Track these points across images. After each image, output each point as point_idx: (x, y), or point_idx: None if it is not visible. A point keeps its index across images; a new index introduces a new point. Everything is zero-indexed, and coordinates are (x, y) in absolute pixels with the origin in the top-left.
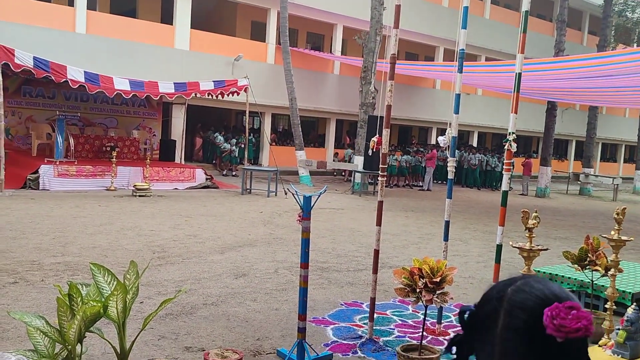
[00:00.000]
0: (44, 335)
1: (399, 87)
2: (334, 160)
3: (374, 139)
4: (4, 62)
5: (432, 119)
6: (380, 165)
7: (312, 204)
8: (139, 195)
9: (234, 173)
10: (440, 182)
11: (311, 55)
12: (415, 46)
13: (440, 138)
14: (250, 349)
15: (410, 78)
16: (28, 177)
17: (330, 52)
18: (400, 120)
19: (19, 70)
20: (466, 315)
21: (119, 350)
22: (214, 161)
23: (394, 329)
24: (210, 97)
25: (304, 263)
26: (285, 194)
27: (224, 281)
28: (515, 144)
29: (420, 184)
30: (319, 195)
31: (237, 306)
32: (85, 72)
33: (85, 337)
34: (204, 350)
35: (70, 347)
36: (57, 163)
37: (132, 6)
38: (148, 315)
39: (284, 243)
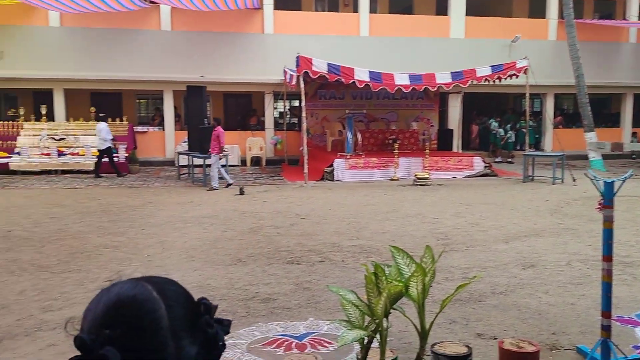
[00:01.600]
0: (355, 308)
1: None
2: (632, 142)
3: None
4: (304, 70)
5: None
6: None
7: (615, 191)
8: (420, 185)
9: (509, 160)
10: None
11: (600, 25)
12: None
13: None
14: (546, 343)
15: None
16: (325, 170)
17: (624, 18)
18: None
19: (316, 77)
20: None
21: (419, 329)
22: (492, 149)
23: None
24: (487, 82)
25: (607, 256)
26: (574, 180)
27: (511, 271)
28: None
29: None
30: (624, 181)
31: (527, 297)
32: (369, 71)
33: (390, 313)
34: (496, 338)
35: (378, 320)
36: (348, 157)
37: (409, 3)
38: (445, 298)
39: (576, 234)
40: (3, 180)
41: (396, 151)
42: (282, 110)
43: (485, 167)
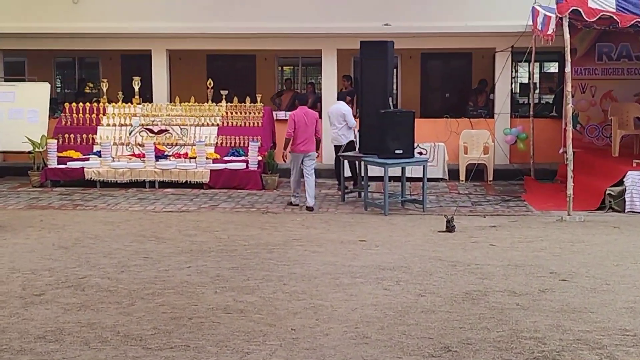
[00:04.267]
0: None
1: None
2: None
3: None
4: (572, 8)
5: None
6: None
7: None
8: None
9: None
10: None
11: None
12: None
13: None
14: None
15: None
16: (607, 191)
17: None
18: None
19: (594, 19)
20: None
21: None
22: None
23: None
24: None
25: None
26: None
27: None
28: None
29: None
30: None
31: None
32: None
33: None
34: None
35: None
36: None
37: None
38: None
39: None
40: (75, 194)
41: None
42: (525, 81)
43: None
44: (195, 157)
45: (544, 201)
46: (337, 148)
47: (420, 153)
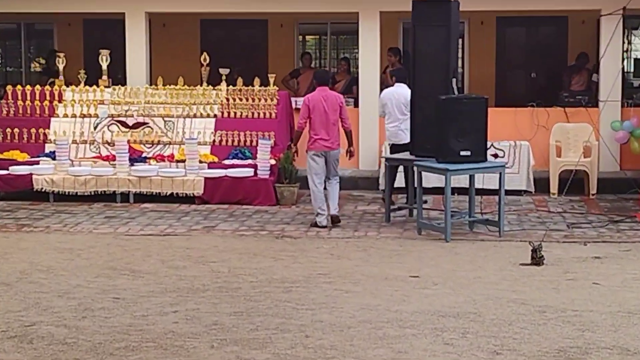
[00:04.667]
0: None
1: None
2: None
3: None
4: None
5: None
6: None
7: None
8: None
9: None
10: None
11: None
12: None
13: None
14: None
15: None
16: None
17: None
18: None
19: None
20: None
21: None
22: None
23: None
24: None
25: None
26: None
27: None
28: None
29: None
30: None
31: None
32: None
33: None
34: None
35: None
36: None
37: None
38: None
39: None
40: (21, 210)
41: None
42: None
43: None
44: (184, 160)
45: None
46: (395, 148)
47: (496, 155)
